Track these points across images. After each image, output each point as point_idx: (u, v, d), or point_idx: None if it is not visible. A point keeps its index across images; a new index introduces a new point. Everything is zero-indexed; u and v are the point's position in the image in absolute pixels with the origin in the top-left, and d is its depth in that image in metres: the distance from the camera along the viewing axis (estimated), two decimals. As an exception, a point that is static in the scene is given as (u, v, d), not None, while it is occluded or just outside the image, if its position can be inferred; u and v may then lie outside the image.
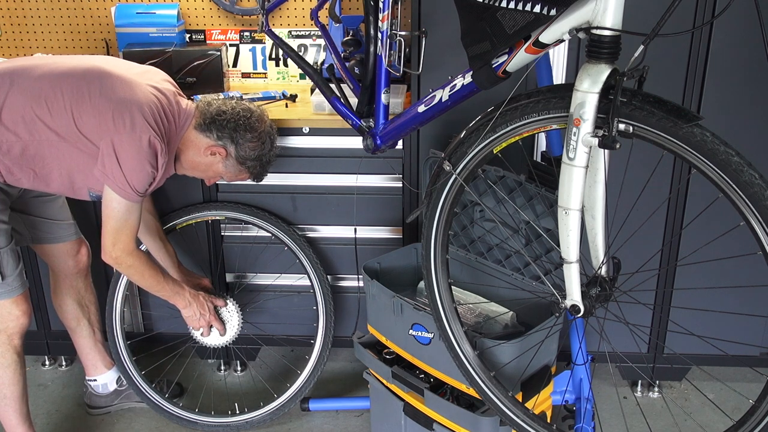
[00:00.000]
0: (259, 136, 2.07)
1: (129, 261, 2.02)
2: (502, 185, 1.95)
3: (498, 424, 1.85)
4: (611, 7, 1.20)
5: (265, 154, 2.11)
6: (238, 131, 2.04)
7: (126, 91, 1.92)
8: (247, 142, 2.05)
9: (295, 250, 2.47)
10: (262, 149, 2.09)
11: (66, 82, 1.92)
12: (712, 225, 1.71)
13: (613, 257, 1.46)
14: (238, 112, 2.05)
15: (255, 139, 2.07)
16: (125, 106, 1.89)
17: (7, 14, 2.84)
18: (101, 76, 1.94)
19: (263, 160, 2.12)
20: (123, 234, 1.98)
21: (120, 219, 1.96)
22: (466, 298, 2.15)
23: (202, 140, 2.05)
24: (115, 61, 2.07)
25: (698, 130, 1.20)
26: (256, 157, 2.09)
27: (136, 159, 1.89)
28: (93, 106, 1.89)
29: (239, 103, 2.09)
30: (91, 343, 2.46)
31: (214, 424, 2.47)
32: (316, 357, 2.48)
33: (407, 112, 1.78)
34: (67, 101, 1.90)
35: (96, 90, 1.91)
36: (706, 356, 2.47)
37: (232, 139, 2.04)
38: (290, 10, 2.77)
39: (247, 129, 2.05)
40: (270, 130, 2.12)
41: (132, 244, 2.01)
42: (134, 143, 1.88)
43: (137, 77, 1.98)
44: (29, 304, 2.09)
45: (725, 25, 2.10)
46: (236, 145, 2.05)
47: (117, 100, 1.90)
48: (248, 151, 2.07)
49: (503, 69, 1.41)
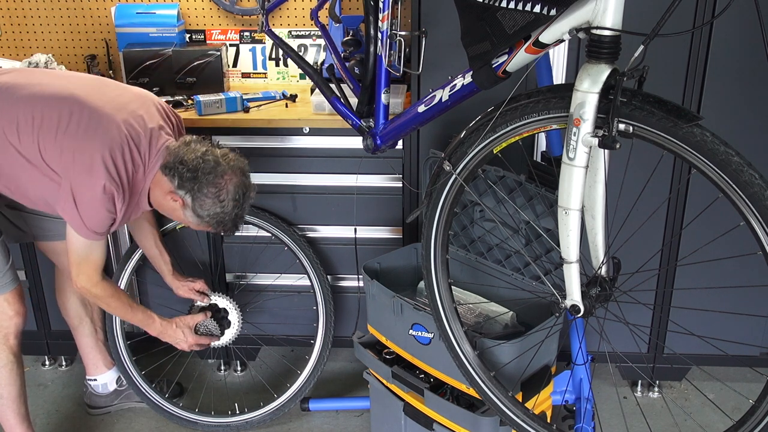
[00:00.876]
0: (218, 193, 1.88)
1: (94, 291, 2.03)
2: (502, 185, 1.95)
3: (498, 424, 1.85)
4: (611, 7, 1.20)
5: (225, 212, 1.91)
6: (196, 184, 1.86)
7: (93, 130, 1.83)
8: (205, 197, 1.87)
9: (295, 250, 2.47)
10: (221, 208, 1.89)
11: (39, 108, 1.86)
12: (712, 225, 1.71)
13: (613, 257, 1.46)
14: (198, 164, 1.86)
15: (213, 196, 1.88)
16: (86, 148, 1.82)
17: (7, 14, 2.84)
18: (74, 108, 1.85)
19: (224, 219, 1.92)
20: (85, 267, 1.98)
21: (81, 254, 1.95)
22: (466, 298, 2.15)
23: (165, 183, 1.91)
24: (101, 88, 1.97)
25: (698, 130, 1.20)
26: (213, 215, 1.90)
27: (91, 203, 1.84)
28: (57, 141, 1.83)
29: (209, 152, 1.89)
30: (93, 343, 2.46)
31: (214, 424, 2.48)
32: (316, 357, 2.48)
33: (407, 112, 1.78)
34: (36, 129, 1.84)
35: (64, 123, 1.84)
36: (706, 356, 2.47)
37: (189, 190, 1.88)
38: (290, 10, 2.77)
39: (207, 184, 1.87)
40: (236, 190, 1.90)
41: (96, 276, 2.00)
42: (90, 188, 1.82)
43: (115, 111, 1.88)
44: (22, 304, 2.08)
45: (725, 25, 2.10)
46: (193, 197, 1.88)
47: (81, 138, 1.82)
48: (205, 208, 1.89)
49: (503, 69, 1.41)
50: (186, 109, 2.49)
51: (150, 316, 2.21)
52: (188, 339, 2.27)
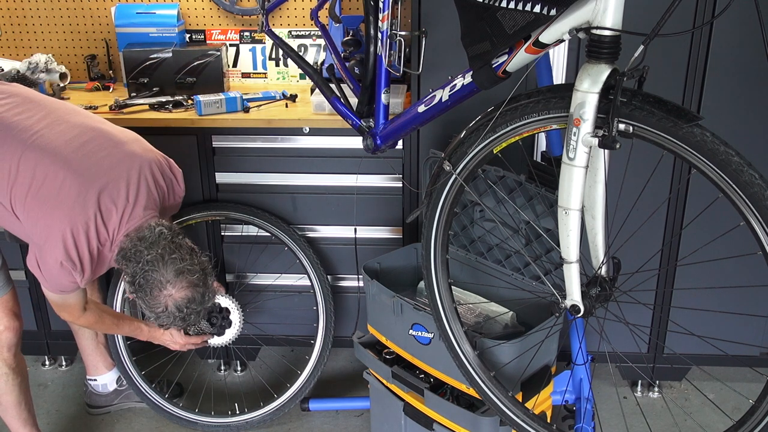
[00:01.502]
0: (154, 307, 1.80)
1: (80, 322, 2.06)
2: (502, 185, 1.95)
3: (498, 424, 1.85)
4: (611, 7, 1.19)
5: (167, 323, 1.84)
6: (138, 292, 1.79)
7: (62, 202, 1.76)
8: (147, 309, 1.81)
9: (295, 250, 2.47)
10: (160, 320, 1.82)
11: (17, 162, 1.79)
12: (712, 225, 1.71)
13: (613, 257, 1.46)
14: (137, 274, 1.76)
15: (150, 309, 1.81)
16: (50, 220, 1.77)
17: (7, 14, 2.84)
18: (48, 173, 1.77)
19: (164, 324, 1.85)
20: (66, 309, 1.99)
21: (57, 302, 1.97)
22: (466, 298, 2.15)
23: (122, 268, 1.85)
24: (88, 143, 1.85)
25: (698, 130, 1.20)
26: (153, 320, 1.85)
27: (51, 271, 1.81)
28: (26, 204, 1.79)
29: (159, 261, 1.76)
30: (94, 344, 2.47)
31: (214, 425, 2.48)
32: (316, 357, 2.48)
33: (407, 112, 1.77)
34: (11, 184, 1.79)
35: (36, 186, 1.77)
36: (706, 356, 2.47)
37: (133, 291, 1.81)
38: (290, 10, 2.77)
39: (145, 296, 1.79)
40: (178, 305, 1.78)
41: (77, 312, 2.00)
42: (50, 257, 1.78)
43: (94, 179, 1.78)
44: (14, 318, 2.05)
45: (725, 25, 2.10)
46: (137, 298, 1.82)
47: (48, 209, 1.77)
48: (145, 312, 1.84)
49: (503, 69, 1.41)
50: (186, 109, 2.49)
51: (137, 326, 2.21)
52: (177, 340, 2.26)
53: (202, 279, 1.83)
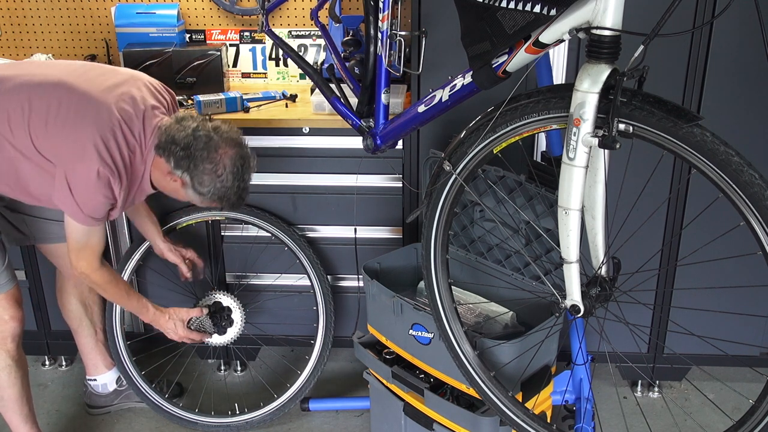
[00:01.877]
0: (214, 168, 1.84)
1: (93, 277, 2.03)
2: (502, 185, 1.95)
3: (498, 424, 1.85)
4: (611, 7, 1.20)
5: (226, 187, 1.87)
6: (191, 161, 1.83)
7: (83, 116, 1.81)
8: (202, 174, 1.84)
9: (295, 250, 2.47)
10: (221, 182, 1.86)
11: (27, 98, 1.84)
12: (712, 225, 1.71)
13: (613, 257, 1.46)
14: (190, 141, 1.82)
15: (210, 172, 1.84)
16: (77, 134, 1.80)
17: (7, 14, 2.84)
18: (63, 94, 1.84)
19: (227, 193, 1.88)
20: (85, 253, 1.97)
21: (81, 240, 1.94)
22: (466, 298, 2.15)
23: (163, 164, 1.88)
24: (89, 72, 1.95)
25: (698, 130, 1.20)
26: (214, 191, 1.87)
27: (87, 190, 1.82)
28: (48, 129, 1.82)
29: (200, 128, 1.84)
30: (93, 343, 2.46)
31: (214, 425, 2.47)
32: (316, 357, 2.48)
33: (407, 112, 1.78)
34: (26, 120, 1.82)
35: (54, 111, 1.82)
36: (706, 356, 2.47)
37: (185, 169, 1.84)
38: (290, 10, 2.77)
39: (202, 160, 1.83)
40: (233, 163, 1.85)
41: (95, 262, 2.00)
42: (84, 174, 1.80)
43: (104, 94, 1.85)
44: (18, 309, 2.06)
45: (725, 25, 2.10)
46: (190, 176, 1.85)
47: (71, 125, 1.81)
48: (205, 185, 1.86)
49: (503, 69, 1.41)
50: (186, 109, 2.49)
51: (144, 304, 2.20)
52: (178, 331, 2.26)
53: (242, 140, 1.92)
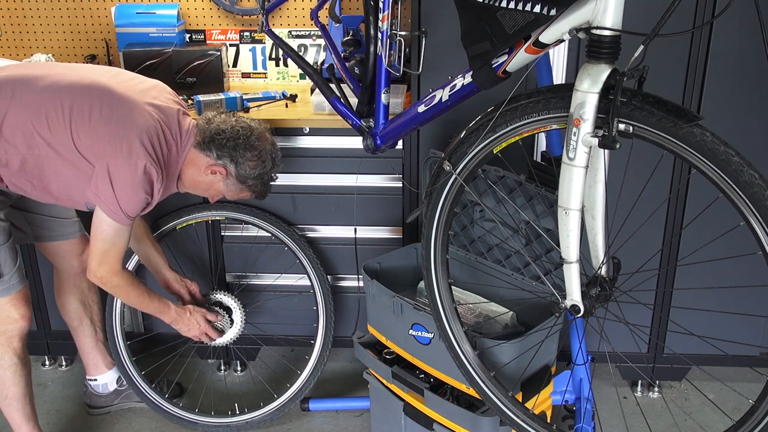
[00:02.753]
0: (259, 155, 2.03)
1: (114, 281, 2.03)
2: (502, 185, 1.95)
3: (498, 424, 1.85)
4: (611, 7, 1.20)
5: (266, 172, 2.07)
6: (238, 150, 2.00)
7: (126, 114, 1.88)
8: (247, 161, 2.01)
9: (295, 250, 2.47)
10: (263, 168, 2.05)
11: (67, 98, 1.88)
12: (712, 225, 1.71)
13: (613, 257, 1.46)
14: (237, 130, 2.00)
15: (255, 158, 2.02)
16: (124, 131, 1.86)
17: (7, 14, 2.84)
18: (103, 95, 1.90)
19: (265, 178, 2.08)
20: (110, 256, 1.98)
21: (108, 241, 1.95)
22: (466, 298, 2.15)
23: (202, 159, 2.01)
24: (118, 76, 2.02)
25: (698, 130, 1.20)
26: (257, 176, 2.04)
27: (130, 185, 1.86)
28: (92, 127, 1.86)
29: (239, 121, 2.04)
30: (93, 343, 2.46)
31: (214, 425, 2.47)
32: (316, 357, 2.48)
33: (407, 112, 1.78)
34: (67, 119, 1.86)
35: (97, 110, 1.87)
36: (706, 356, 2.47)
37: (231, 158, 2.00)
38: (290, 10, 2.77)
39: (247, 148, 2.00)
40: (271, 149, 2.07)
41: (118, 265, 2.01)
42: (129, 169, 1.85)
43: (140, 96, 1.94)
44: (28, 308, 2.08)
45: (725, 25, 2.10)
46: (236, 164, 2.01)
47: (116, 123, 1.87)
48: (248, 170, 2.02)
49: (503, 69, 1.41)
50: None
51: (166, 303, 2.21)
52: (201, 325, 2.28)
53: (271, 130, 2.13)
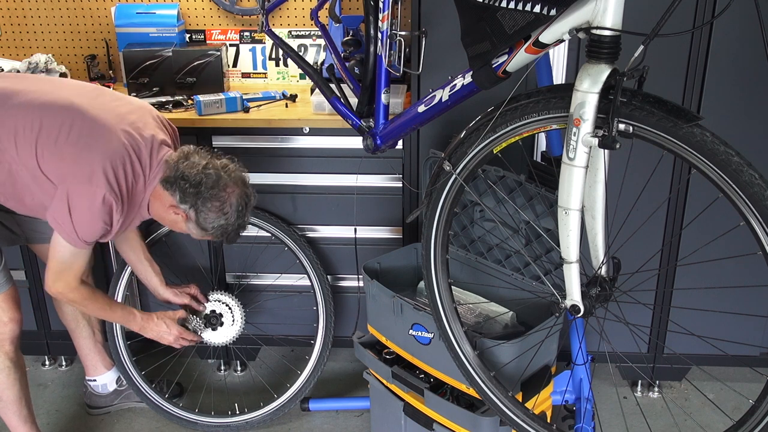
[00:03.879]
0: (221, 206, 1.90)
1: (70, 296, 2.02)
2: (502, 185, 1.95)
3: (498, 424, 1.85)
4: (611, 7, 1.20)
5: (229, 224, 1.94)
6: (200, 198, 1.88)
7: (95, 139, 1.82)
8: (209, 211, 1.89)
9: (295, 251, 2.47)
10: (225, 220, 1.92)
11: (38, 117, 1.83)
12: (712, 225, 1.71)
13: (613, 257, 1.46)
14: (201, 178, 1.87)
15: (217, 210, 1.89)
16: (88, 156, 1.80)
17: (7, 14, 2.84)
18: (76, 117, 1.84)
19: (228, 229, 1.95)
20: (66, 275, 1.96)
21: (65, 262, 1.93)
22: (466, 298, 2.15)
23: (166, 197, 1.92)
24: (100, 97, 1.96)
25: (698, 130, 1.20)
26: (217, 227, 1.93)
27: (88, 212, 1.82)
28: (57, 148, 1.81)
29: (209, 166, 1.90)
30: (91, 344, 2.46)
31: (214, 425, 2.47)
32: (316, 357, 2.48)
33: (407, 112, 1.78)
34: (34, 138, 1.82)
35: (65, 132, 1.82)
36: (706, 356, 2.47)
37: (192, 204, 1.89)
38: (290, 10, 2.77)
39: (210, 198, 1.88)
40: (238, 201, 1.92)
41: (74, 282, 1.98)
42: (88, 197, 1.80)
43: (115, 121, 1.87)
44: (17, 310, 2.06)
45: (725, 25, 2.10)
46: (197, 211, 1.90)
47: (82, 147, 1.81)
48: (209, 221, 1.91)
49: (503, 69, 1.41)
50: (186, 109, 2.49)
51: (130, 311, 2.20)
52: (172, 331, 2.25)
53: (247, 179, 1.99)
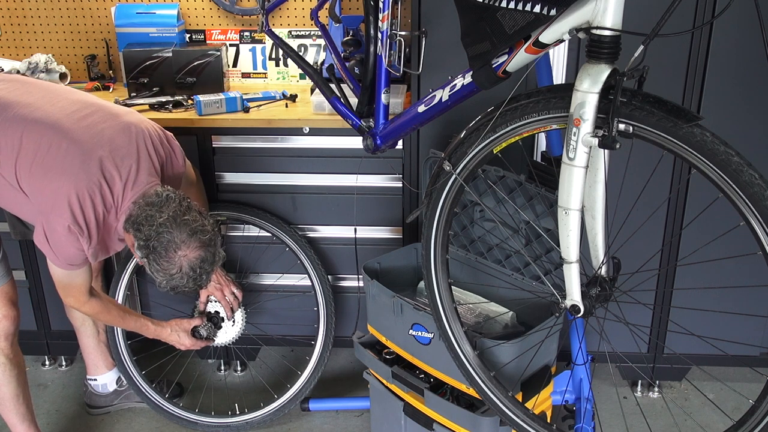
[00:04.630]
0: (169, 268, 1.80)
1: (84, 309, 2.05)
2: (502, 185, 1.95)
3: (498, 424, 1.85)
4: (611, 7, 1.20)
5: (179, 285, 1.84)
6: (151, 253, 1.79)
7: (67, 166, 1.79)
8: (156, 271, 1.81)
9: (295, 250, 2.47)
10: (173, 281, 1.82)
11: (19, 135, 1.82)
12: (712, 225, 1.71)
13: (613, 257, 1.46)
14: (151, 236, 1.77)
15: (164, 271, 1.80)
16: (56, 184, 1.79)
17: (7, 14, 2.84)
18: (53, 141, 1.81)
19: (178, 290, 1.85)
20: (71, 292, 1.97)
21: (63, 281, 1.95)
22: (466, 298, 2.15)
23: (129, 237, 1.86)
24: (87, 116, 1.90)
25: (698, 130, 1.20)
26: (165, 285, 1.85)
27: (60, 241, 1.82)
28: (32, 171, 1.81)
29: (171, 223, 1.78)
30: (95, 343, 2.47)
31: (214, 425, 2.47)
32: (316, 358, 2.48)
33: (407, 112, 1.78)
34: (15, 157, 1.82)
35: (42, 155, 1.80)
36: (706, 356, 2.47)
37: (145, 256, 1.82)
38: (290, 10, 2.77)
39: (158, 257, 1.79)
40: (192, 264, 1.80)
41: (83, 297, 1.99)
42: (57, 226, 1.79)
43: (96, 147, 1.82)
44: (12, 307, 2.07)
45: (725, 25, 2.10)
46: (148, 263, 1.82)
47: (53, 173, 1.79)
48: (157, 279, 1.84)
49: (503, 69, 1.41)
50: (186, 109, 2.49)
51: (144, 323, 2.22)
52: (184, 342, 2.29)
53: (213, 239, 1.86)
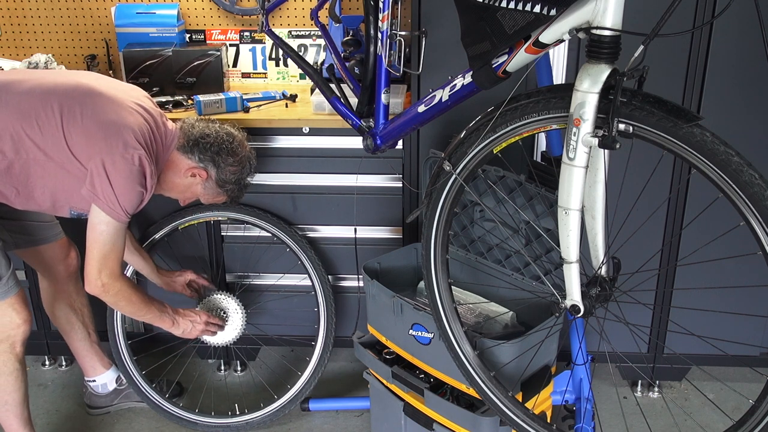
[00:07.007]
0: (240, 160, 2.10)
1: (117, 286, 1.98)
2: (502, 185, 1.95)
3: (498, 424, 1.85)
4: (611, 7, 1.20)
5: (243, 177, 2.14)
6: (221, 155, 2.06)
7: (115, 112, 1.90)
8: (229, 165, 2.07)
9: (296, 251, 2.47)
10: (241, 173, 2.12)
11: (55, 99, 1.89)
12: (712, 225, 1.71)
13: (613, 257, 1.46)
14: (221, 135, 2.07)
15: (236, 164, 2.09)
16: (116, 128, 1.88)
17: (7, 14, 2.84)
18: (90, 95, 1.92)
19: (241, 183, 2.14)
20: (110, 259, 1.95)
21: (107, 242, 1.93)
22: (466, 298, 2.16)
23: (183, 162, 2.06)
24: (100, 78, 2.04)
25: (698, 130, 1.20)
26: (235, 180, 2.11)
27: (127, 179, 1.87)
28: (84, 126, 1.87)
29: (222, 127, 2.10)
30: (87, 345, 2.45)
31: (214, 425, 2.47)
32: (317, 358, 2.48)
33: (407, 112, 1.78)
34: (59, 120, 1.87)
35: (88, 110, 1.88)
36: (706, 356, 2.47)
37: (214, 161, 2.06)
38: (290, 10, 2.77)
39: (229, 153, 2.07)
40: (249, 155, 2.14)
41: (119, 268, 1.99)
42: (126, 163, 1.86)
43: (125, 96, 1.97)
44: (29, 311, 2.07)
45: (725, 25, 2.10)
46: (217, 168, 2.07)
47: (108, 121, 1.88)
48: (228, 175, 2.09)
49: (503, 69, 1.41)
50: (186, 109, 2.49)
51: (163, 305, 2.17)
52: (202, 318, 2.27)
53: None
